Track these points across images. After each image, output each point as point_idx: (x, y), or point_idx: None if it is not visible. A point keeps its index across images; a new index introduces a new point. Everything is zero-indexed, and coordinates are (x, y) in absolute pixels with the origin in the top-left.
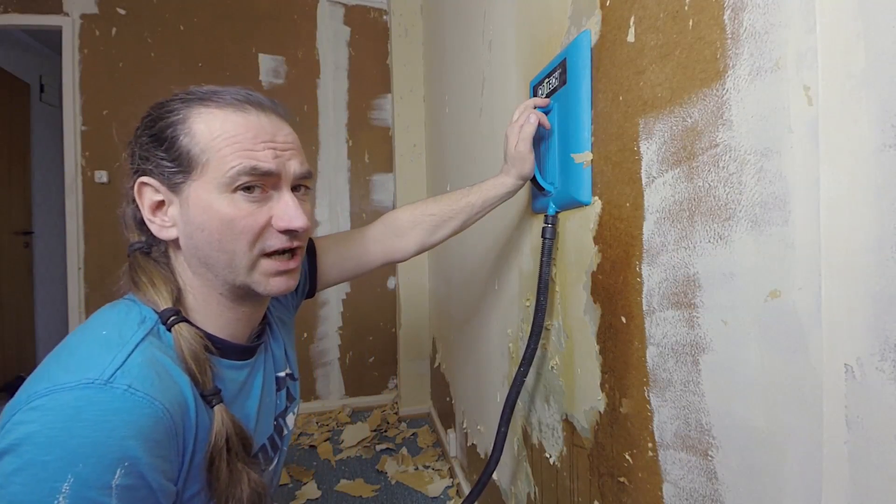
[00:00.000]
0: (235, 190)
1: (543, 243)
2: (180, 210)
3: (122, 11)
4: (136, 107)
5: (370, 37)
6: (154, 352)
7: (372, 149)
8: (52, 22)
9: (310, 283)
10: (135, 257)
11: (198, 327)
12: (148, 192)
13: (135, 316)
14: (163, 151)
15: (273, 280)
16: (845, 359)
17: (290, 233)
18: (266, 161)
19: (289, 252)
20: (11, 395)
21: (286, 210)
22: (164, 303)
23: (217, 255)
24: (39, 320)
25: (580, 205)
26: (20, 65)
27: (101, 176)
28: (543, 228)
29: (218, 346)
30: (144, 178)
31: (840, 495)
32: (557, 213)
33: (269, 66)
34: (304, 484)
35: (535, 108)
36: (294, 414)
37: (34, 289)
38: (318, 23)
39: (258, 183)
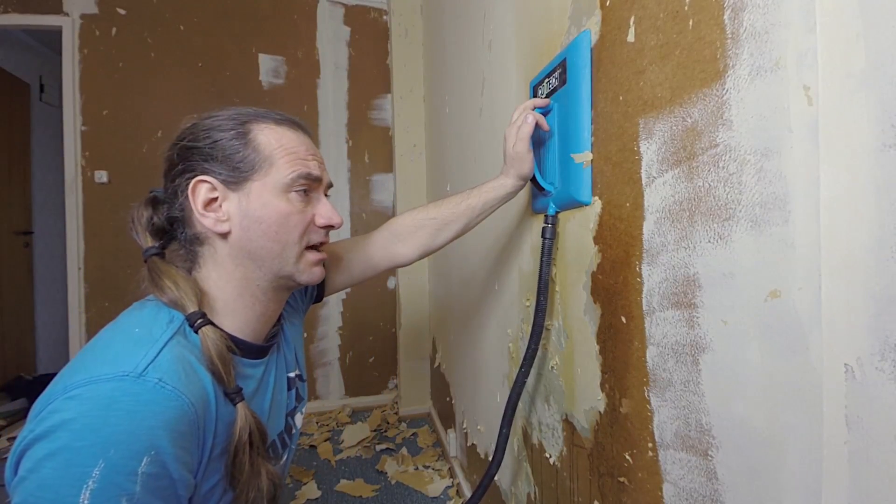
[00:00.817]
0: (290, 191)
1: (543, 243)
2: (238, 205)
3: (122, 11)
4: (136, 107)
5: (370, 37)
6: (181, 350)
7: (372, 149)
8: (52, 22)
9: (318, 288)
10: (153, 262)
11: (221, 329)
12: (203, 190)
13: (164, 316)
14: (226, 155)
15: (314, 269)
16: (845, 359)
17: (328, 228)
18: (315, 169)
19: (321, 246)
20: (11, 394)
21: (327, 210)
22: (192, 305)
23: (271, 245)
24: (39, 320)
25: (580, 205)
26: (20, 65)
27: (101, 176)
28: (543, 228)
29: (239, 346)
30: (203, 177)
31: (840, 495)
32: (557, 213)
33: (269, 66)
34: (304, 484)
35: (534, 108)
36: (302, 413)
37: (34, 289)
38: (318, 23)
39: (307, 187)
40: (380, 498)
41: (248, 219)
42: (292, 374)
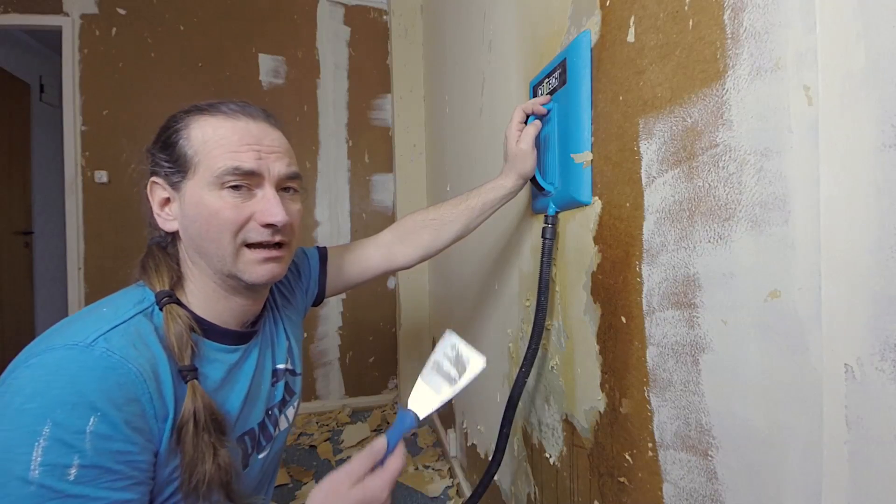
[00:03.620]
0: (223, 188)
1: (543, 244)
2: (179, 205)
3: (122, 11)
4: (136, 107)
5: (370, 37)
6: (139, 327)
7: (372, 149)
8: (52, 22)
9: (319, 288)
10: (150, 248)
11: (191, 311)
12: (157, 191)
13: (136, 296)
14: (167, 154)
15: (259, 268)
16: (845, 359)
17: (271, 227)
18: (248, 161)
19: (275, 246)
20: None
21: (266, 205)
22: (161, 286)
23: (207, 244)
24: (39, 320)
25: (580, 205)
26: (20, 65)
27: (101, 176)
28: (543, 229)
29: (206, 328)
30: (154, 178)
31: (840, 495)
32: (557, 213)
33: (269, 66)
34: (304, 484)
35: (533, 110)
36: (294, 408)
37: (34, 289)
38: (318, 23)
39: (243, 182)
40: None
41: (185, 218)
42: (281, 366)
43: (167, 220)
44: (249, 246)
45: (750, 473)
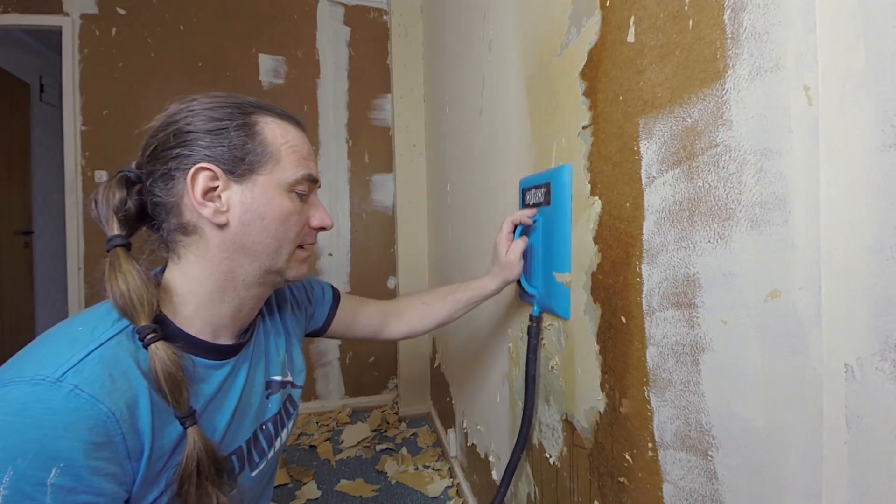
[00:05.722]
0: (292, 191)
1: (529, 342)
2: (241, 198)
3: (122, 11)
4: (136, 107)
5: (370, 37)
6: (117, 352)
7: (372, 149)
8: (52, 22)
9: (323, 324)
10: (115, 254)
11: (178, 327)
12: (203, 178)
13: (114, 314)
14: (233, 145)
15: (303, 266)
16: (845, 359)
17: (320, 230)
18: (316, 171)
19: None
20: None
21: (321, 212)
22: (143, 318)
23: (269, 241)
24: (39, 320)
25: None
26: (20, 65)
27: (101, 176)
28: (528, 327)
29: (200, 349)
30: (205, 164)
31: (840, 495)
32: (541, 313)
33: (269, 66)
34: (304, 484)
35: (521, 221)
36: (292, 420)
37: (34, 289)
38: (318, 23)
39: (308, 189)
40: (380, 498)
41: (249, 213)
42: (277, 378)
43: (219, 210)
44: (300, 246)
45: (750, 473)
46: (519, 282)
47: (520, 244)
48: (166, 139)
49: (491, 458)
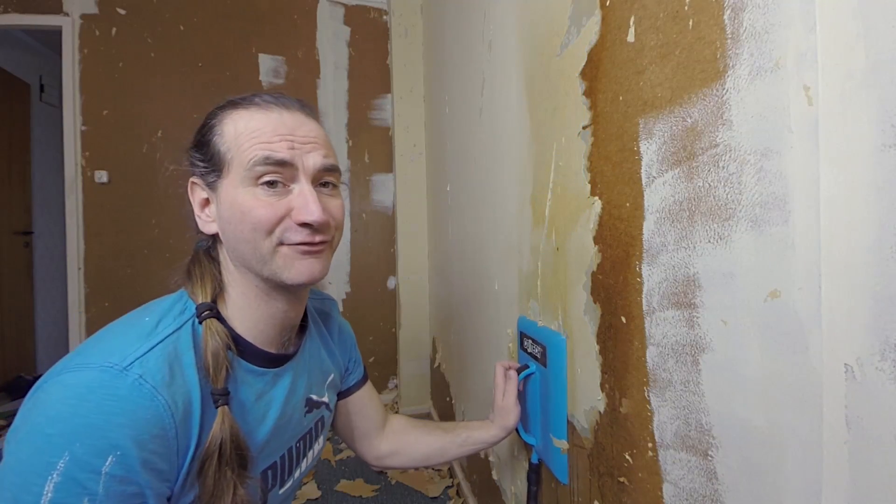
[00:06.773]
0: (257, 184)
1: (529, 488)
2: (216, 205)
3: (122, 11)
4: (136, 107)
5: (370, 37)
6: (178, 346)
7: (372, 149)
8: (52, 22)
9: (345, 390)
10: (196, 253)
11: (229, 326)
12: (197, 192)
13: (179, 306)
14: (202, 153)
15: (298, 264)
16: (845, 359)
17: (307, 226)
18: (280, 151)
19: (316, 245)
20: (11, 394)
21: (301, 201)
22: (204, 297)
23: (244, 246)
24: (39, 320)
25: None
26: (20, 65)
27: (101, 176)
28: (528, 474)
29: (242, 348)
30: (194, 179)
31: (840, 495)
32: (540, 461)
33: (269, 66)
34: (305, 484)
35: (509, 371)
36: (319, 443)
37: (34, 289)
38: (318, 23)
39: (277, 177)
40: (380, 498)
41: (221, 220)
42: (314, 398)
43: (207, 221)
44: (286, 245)
45: (750, 473)
46: (518, 429)
47: (513, 386)
48: (185, 158)
49: (491, 458)
